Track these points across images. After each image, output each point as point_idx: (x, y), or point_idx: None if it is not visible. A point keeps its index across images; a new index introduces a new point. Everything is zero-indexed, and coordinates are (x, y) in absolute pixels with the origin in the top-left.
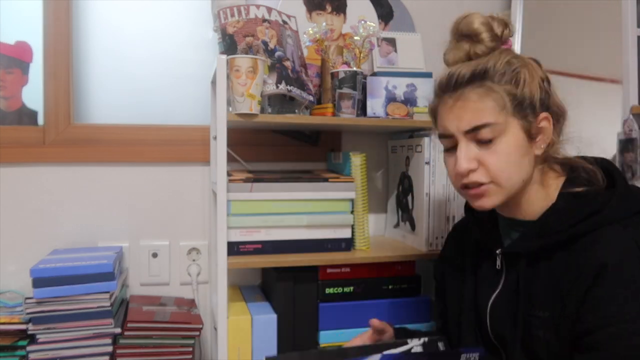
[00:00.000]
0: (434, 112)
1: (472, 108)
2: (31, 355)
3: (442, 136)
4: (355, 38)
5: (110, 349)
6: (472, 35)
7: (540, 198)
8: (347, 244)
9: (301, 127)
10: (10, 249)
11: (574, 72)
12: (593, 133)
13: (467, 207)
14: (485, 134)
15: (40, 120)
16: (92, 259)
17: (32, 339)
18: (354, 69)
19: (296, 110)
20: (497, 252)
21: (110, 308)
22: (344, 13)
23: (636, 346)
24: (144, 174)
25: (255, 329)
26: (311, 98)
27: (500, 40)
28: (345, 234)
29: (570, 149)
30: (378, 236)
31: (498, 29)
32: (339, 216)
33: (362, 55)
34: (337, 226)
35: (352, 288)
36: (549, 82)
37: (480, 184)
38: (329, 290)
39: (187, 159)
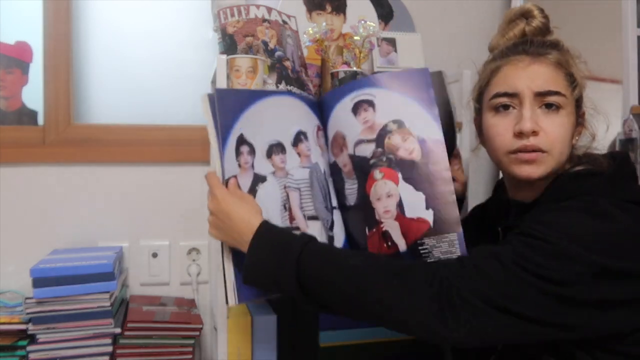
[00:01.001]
0: (493, 72)
1: (550, 73)
2: (31, 355)
3: (503, 95)
4: (355, 38)
5: (110, 349)
6: (526, 13)
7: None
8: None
9: None
10: (10, 249)
11: None
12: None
13: (497, 186)
14: (555, 99)
15: (40, 120)
16: (92, 259)
17: (32, 339)
18: (354, 69)
19: None
20: (499, 229)
21: (110, 308)
22: (344, 13)
23: (523, 256)
24: (144, 174)
25: (255, 329)
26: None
27: (547, 30)
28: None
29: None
30: None
31: (547, 19)
32: None
33: (362, 55)
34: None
35: None
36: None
37: (537, 150)
38: None
39: (187, 159)
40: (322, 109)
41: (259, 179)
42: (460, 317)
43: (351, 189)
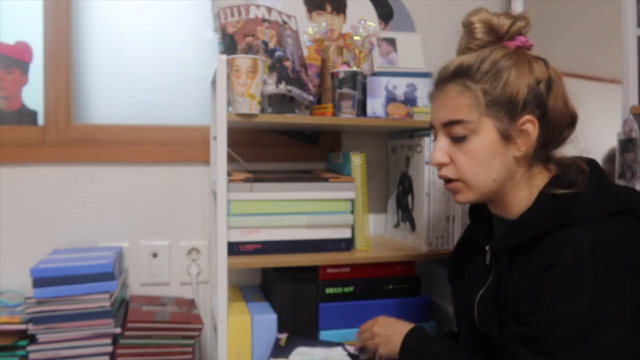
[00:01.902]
0: (430, 102)
1: (449, 104)
2: (31, 355)
3: (430, 125)
4: (355, 38)
5: (110, 349)
6: (466, 28)
7: (524, 197)
8: (347, 244)
9: (301, 127)
10: (10, 249)
11: (574, 72)
12: (593, 133)
13: (470, 208)
14: (458, 130)
15: (40, 120)
16: (92, 259)
17: (32, 339)
18: (354, 69)
19: (296, 110)
20: (487, 248)
21: (110, 308)
22: (344, 13)
23: (550, 335)
24: (144, 174)
25: (255, 329)
26: (311, 98)
27: (501, 35)
28: (345, 234)
29: (573, 148)
30: (378, 236)
31: (500, 24)
32: (339, 216)
33: (362, 55)
34: (337, 226)
35: (352, 288)
36: (549, 85)
37: (450, 180)
38: (329, 290)
39: (187, 159)
40: None
41: None
42: None
43: None
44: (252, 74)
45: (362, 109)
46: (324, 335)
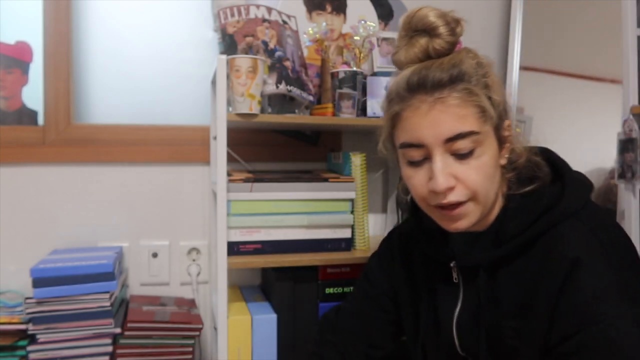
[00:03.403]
0: (394, 118)
1: (454, 114)
2: (31, 355)
3: (410, 146)
4: (355, 38)
5: (110, 349)
6: (429, 29)
7: (495, 207)
8: (347, 244)
9: (301, 127)
10: (10, 249)
11: (574, 72)
12: (593, 133)
13: (413, 212)
14: (465, 144)
15: (40, 120)
16: (92, 259)
17: (32, 339)
18: (354, 69)
19: (296, 110)
20: (452, 265)
21: (110, 308)
22: (344, 13)
23: (620, 347)
24: (144, 174)
25: (255, 329)
26: (311, 98)
27: (457, 37)
28: (345, 234)
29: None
30: (378, 236)
31: (454, 24)
32: (339, 216)
33: (362, 55)
34: (337, 226)
35: (352, 288)
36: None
37: (459, 204)
38: (329, 290)
39: (187, 159)
40: None
41: None
42: None
43: None
44: (252, 74)
45: (362, 109)
46: None
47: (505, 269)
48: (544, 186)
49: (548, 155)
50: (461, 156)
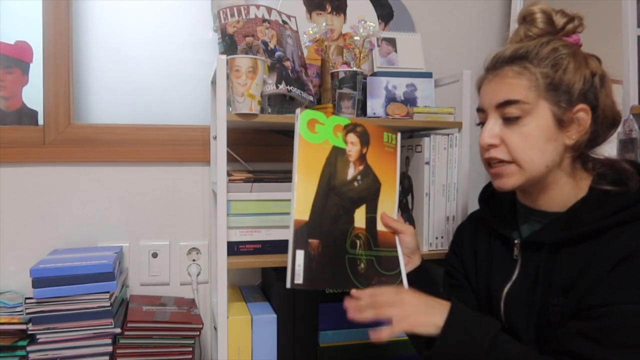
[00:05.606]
0: (478, 87)
1: (506, 83)
2: (31, 355)
3: (478, 110)
4: (355, 38)
5: (110, 349)
6: (527, 17)
7: (569, 190)
8: None
9: None
10: (10, 249)
11: None
12: None
13: (482, 198)
14: (512, 110)
15: (40, 120)
16: (92, 259)
17: (32, 339)
18: (354, 69)
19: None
20: (516, 241)
21: (110, 308)
22: (344, 13)
23: (633, 326)
24: (144, 174)
25: (255, 329)
26: (311, 98)
27: (557, 30)
28: None
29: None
30: None
31: (558, 19)
32: None
33: (362, 55)
34: None
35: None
36: (602, 80)
37: (500, 161)
38: (329, 290)
39: (187, 159)
40: None
41: None
42: None
43: None
44: (252, 74)
45: (362, 109)
46: (323, 335)
47: (566, 250)
48: (627, 191)
49: (636, 167)
50: (509, 120)
